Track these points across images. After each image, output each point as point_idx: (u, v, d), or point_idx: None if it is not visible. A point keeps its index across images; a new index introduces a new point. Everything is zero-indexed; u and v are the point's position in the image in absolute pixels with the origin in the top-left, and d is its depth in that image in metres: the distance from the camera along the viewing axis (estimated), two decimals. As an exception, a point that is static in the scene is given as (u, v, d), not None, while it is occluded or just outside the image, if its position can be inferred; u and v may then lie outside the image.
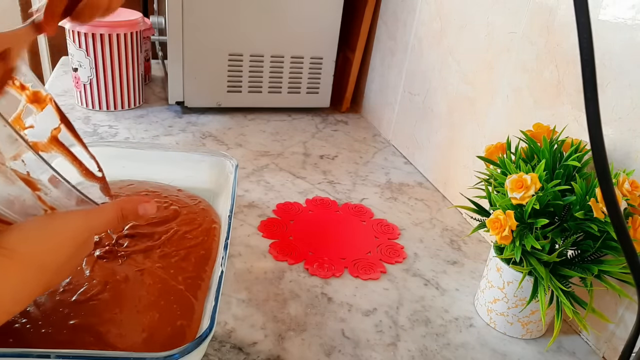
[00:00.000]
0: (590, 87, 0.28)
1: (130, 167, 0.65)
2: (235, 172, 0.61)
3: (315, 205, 0.73)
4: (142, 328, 0.43)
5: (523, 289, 0.50)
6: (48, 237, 0.35)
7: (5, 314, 0.33)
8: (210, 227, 0.57)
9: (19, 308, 0.34)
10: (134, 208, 0.42)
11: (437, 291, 0.58)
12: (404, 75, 0.93)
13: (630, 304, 0.48)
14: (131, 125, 0.92)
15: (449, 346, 0.50)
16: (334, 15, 1.00)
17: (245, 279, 0.56)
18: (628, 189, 0.43)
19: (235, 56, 0.98)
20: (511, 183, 0.46)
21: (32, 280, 0.34)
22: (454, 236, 0.70)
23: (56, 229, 0.36)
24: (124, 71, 0.94)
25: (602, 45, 0.50)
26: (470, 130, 0.73)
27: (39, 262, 0.35)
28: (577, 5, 0.27)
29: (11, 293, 0.33)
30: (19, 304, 0.34)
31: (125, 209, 0.41)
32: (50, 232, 0.36)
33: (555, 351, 0.52)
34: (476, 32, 0.71)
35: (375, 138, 1.01)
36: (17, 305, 0.34)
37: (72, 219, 0.37)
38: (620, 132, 0.49)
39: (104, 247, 0.51)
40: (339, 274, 0.59)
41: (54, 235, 0.36)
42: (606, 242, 0.45)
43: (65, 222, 0.37)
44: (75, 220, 0.37)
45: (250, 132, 0.96)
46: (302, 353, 0.47)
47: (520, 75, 0.63)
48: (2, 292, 0.32)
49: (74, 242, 0.37)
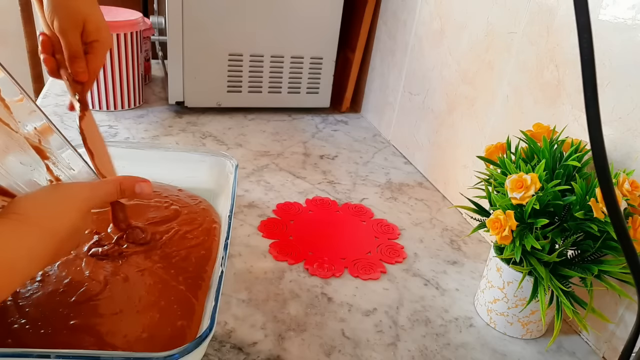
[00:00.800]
0: (590, 87, 0.28)
1: (130, 167, 0.64)
2: (235, 172, 0.61)
3: (315, 205, 0.73)
4: (143, 328, 0.43)
5: (523, 289, 0.50)
6: (56, 204, 0.38)
7: (21, 276, 0.35)
8: (211, 227, 0.57)
9: (34, 272, 0.36)
10: (131, 185, 0.45)
11: (437, 291, 0.58)
12: (404, 75, 0.93)
13: (630, 304, 0.48)
14: (131, 125, 0.92)
15: (449, 346, 0.50)
16: (334, 15, 1.00)
17: (245, 279, 0.56)
18: (628, 189, 0.43)
19: (235, 56, 0.98)
20: (511, 183, 0.46)
21: (44, 244, 0.36)
22: (454, 236, 0.70)
23: (63, 196, 0.39)
24: (124, 71, 0.94)
25: (602, 45, 0.50)
26: (470, 130, 0.73)
27: (50, 226, 0.37)
28: (577, 5, 0.27)
29: (27, 255, 0.35)
30: (34, 268, 0.36)
31: (123, 183, 0.44)
32: (58, 199, 0.38)
33: (555, 351, 0.52)
34: (476, 32, 0.71)
35: (375, 138, 1.01)
36: (32, 268, 0.36)
37: (78, 187, 0.41)
38: (620, 132, 0.49)
39: (104, 247, 0.51)
40: (339, 274, 0.59)
41: (61, 201, 0.39)
42: (606, 242, 0.45)
43: (71, 191, 0.40)
44: (81, 189, 0.41)
45: (250, 132, 0.96)
46: (302, 353, 0.47)
47: (520, 75, 0.63)
48: (18, 254, 0.34)
49: (79, 211, 0.40)
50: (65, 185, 0.41)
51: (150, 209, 0.59)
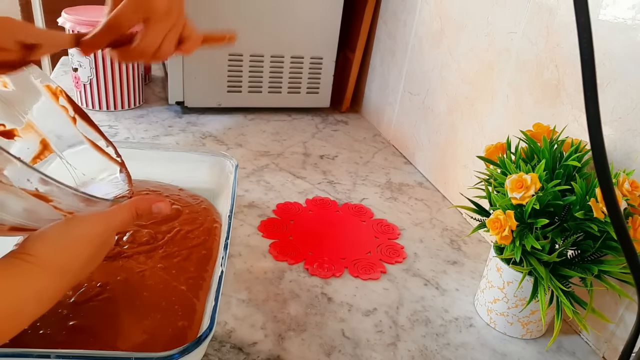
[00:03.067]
0: (590, 87, 0.28)
1: (130, 167, 0.64)
2: (235, 172, 0.61)
3: (315, 205, 0.73)
4: (143, 329, 0.43)
5: (523, 289, 0.50)
6: (69, 243, 0.37)
7: (28, 318, 0.34)
8: (212, 226, 0.57)
9: (41, 312, 0.35)
10: (148, 207, 0.43)
11: (437, 291, 0.58)
12: (404, 75, 0.93)
13: (630, 304, 0.48)
14: (131, 125, 0.92)
15: (449, 346, 0.50)
16: (334, 15, 1.00)
17: (245, 279, 0.56)
18: (628, 189, 0.43)
19: (235, 56, 0.98)
20: (511, 183, 0.46)
21: (54, 285, 0.36)
22: (454, 236, 0.70)
23: (76, 234, 0.38)
24: (124, 71, 0.94)
25: (602, 45, 0.50)
26: (470, 130, 0.73)
27: (61, 267, 0.36)
28: (577, 6, 0.27)
29: (35, 298, 0.34)
30: (41, 309, 0.35)
31: (139, 208, 0.42)
32: (71, 238, 0.37)
33: (555, 351, 0.52)
34: (476, 32, 0.71)
35: (375, 138, 1.01)
36: (41, 309, 0.35)
37: (90, 223, 0.39)
38: (620, 132, 0.49)
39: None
40: (339, 274, 0.59)
41: (74, 240, 0.37)
42: (606, 242, 0.45)
43: (84, 226, 0.38)
44: (94, 224, 0.39)
45: (250, 132, 0.96)
46: (302, 353, 0.47)
47: (520, 75, 0.63)
48: (26, 296, 0.34)
49: (93, 245, 0.38)
50: (79, 221, 0.39)
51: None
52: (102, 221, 0.40)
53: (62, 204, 0.37)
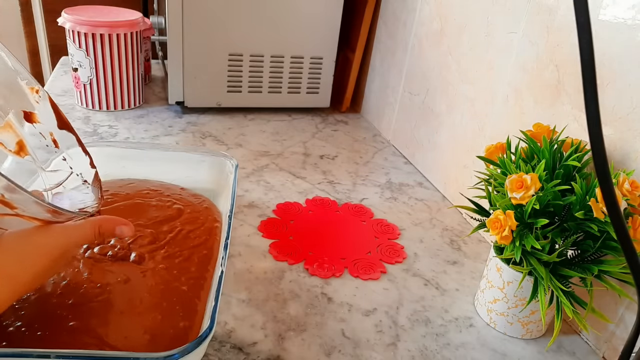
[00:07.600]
0: (590, 87, 0.28)
1: (130, 167, 0.65)
2: (235, 172, 0.61)
3: (315, 205, 0.73)
4: (144, 330, 0.43)
5: (523, 289, 0.50)
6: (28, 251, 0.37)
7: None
8: (213, 226, 0.57)
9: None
10: (111, 228, 0.43)
11: (437, 291, 0.58)
12: (404, 75, 0.93)
13: (630, 304, 0.48)
14: (131, 125, 0.92)
15: (449, 346, 0.50)
16: (334, 15, 1.00)
17: (245, 279, 0.56)
18: (628, 189, 0.43)
19: (235, 56, 0.98)
20: (511, 183, 0.46)
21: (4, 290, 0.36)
22: (454, 236, 0.70)
23: (36, 242, 0.38)
24: (124, 71, 0.94)
25: (602, 46, 0.50)
26: (470, 130, 0.73)
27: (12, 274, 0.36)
28: (577, 6, 0.27)
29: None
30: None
31: (102, 226, 0.42)
32: (30, 246, 0.38)
33: (555, 351, 0.52)
34: (476, 32, 0.71)
35: (375, 138, 1.01)
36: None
37: (52, 234, 0.39)
38: (620, 132, 0.49)
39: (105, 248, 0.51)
40: (339, 274, 0.59)
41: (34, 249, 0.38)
42: (606, 242, 0.45)
43: (45, 237, 0.39)
44: (56, 236, 0.39)
45: (250, 132, 0.96)
46: (302, 353, 0.47)
47: (520, 75, 0.63)
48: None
49: (51, 256, 0.39)
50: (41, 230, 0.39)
51: (152, 208, 0.59)
52: (64, 234, 0.40)
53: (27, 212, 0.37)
